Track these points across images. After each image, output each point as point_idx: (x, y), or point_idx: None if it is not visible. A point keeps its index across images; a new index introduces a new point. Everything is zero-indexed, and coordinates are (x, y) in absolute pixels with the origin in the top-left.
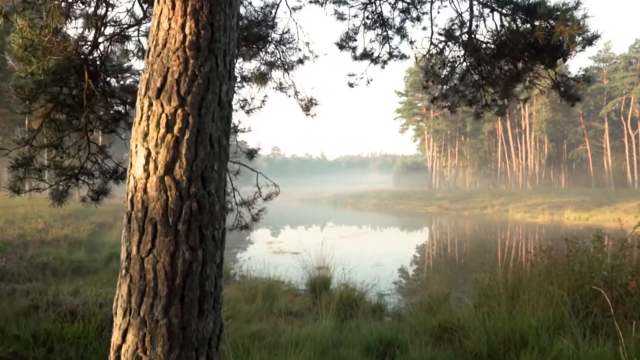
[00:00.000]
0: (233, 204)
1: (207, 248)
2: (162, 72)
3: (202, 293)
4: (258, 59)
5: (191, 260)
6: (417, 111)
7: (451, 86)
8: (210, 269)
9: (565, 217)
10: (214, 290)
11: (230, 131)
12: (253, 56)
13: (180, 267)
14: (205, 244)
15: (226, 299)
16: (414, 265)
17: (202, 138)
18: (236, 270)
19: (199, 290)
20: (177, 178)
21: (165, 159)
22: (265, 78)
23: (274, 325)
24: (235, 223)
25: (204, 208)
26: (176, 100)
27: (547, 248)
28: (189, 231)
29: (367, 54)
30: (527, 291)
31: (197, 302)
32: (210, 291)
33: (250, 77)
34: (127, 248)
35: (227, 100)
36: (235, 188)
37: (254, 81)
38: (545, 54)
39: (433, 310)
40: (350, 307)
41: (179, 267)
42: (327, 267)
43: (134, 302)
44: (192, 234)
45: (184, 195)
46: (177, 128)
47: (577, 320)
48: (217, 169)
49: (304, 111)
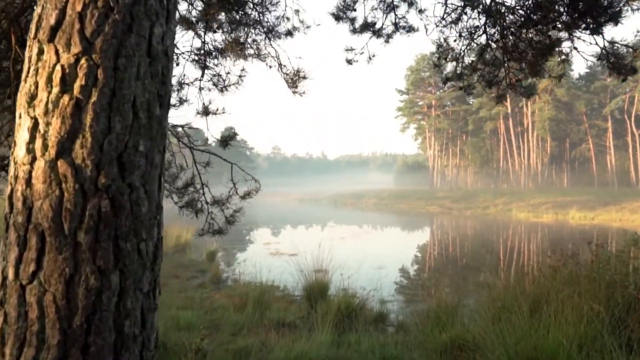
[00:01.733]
0: (203, 202)
1: (127, 268)
2: (58, 3)
3: (119, 338)
4: (234, 26)
5: (99, 287)
6: (418, 110)
7: (468, 63)
8: (132, 301)
9: (570, 217)
10: (140, 333)
11: (169, 95)
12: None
13: (82, 300)
14: (125, 263)
15: (214, 306)
16: (417, 269)
17: (119, 102)
18: (229, 274)
19: (113, 334)
20: (77, 163)
21: (60, 134)
22: (243, 47)
23: (263, 339)
24: (205, 227)
25: (122, 209)
26: (79, 44)
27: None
28: (96, 244)
29: (367, 25)
30: (551, 302)
31: (110, 352)
32: (133, 334)
33: (224, 48)
34: (1, 271)
35: (162, 50)
36: (205, 184)
37: (229, 52)
38: (590, 17)
39: (442, 322)
40: (350, 317)
41: (80, 299)
42: (325, 270)
43: (8, 354)
44: (102, 249)
45: (88, 189)
46: (79, 86)
47: (613, 337)
48: (145, 150)
49: (291, 87)
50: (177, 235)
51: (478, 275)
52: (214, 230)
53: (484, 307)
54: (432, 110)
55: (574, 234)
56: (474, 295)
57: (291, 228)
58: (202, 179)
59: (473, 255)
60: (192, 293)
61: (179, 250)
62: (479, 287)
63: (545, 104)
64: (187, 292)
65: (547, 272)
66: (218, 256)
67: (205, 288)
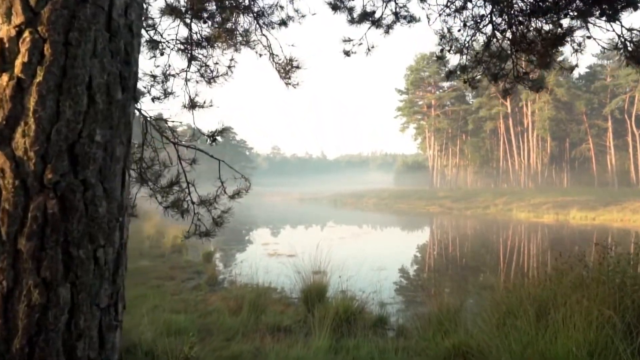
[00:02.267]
0: (189, 202)
1: (80, 280)
2: None
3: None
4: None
5: (45, 303)
6: (417, 109)
7: (472, 56)
8: (87, 318)
9: (571, 217)
10: (98, 355)
11: (135, 78)
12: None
13: (24, 318)
14: (77, 274)
15: (208, 310)
16: (418, 269)
17: (70, 84)
18: (226, 275)
19: (63, 357)
20: (18, 155)
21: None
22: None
23: (258, 345)
24: (192, 229)
25: (74, 210)
26: (21, 14)
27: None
28: (41, 252)
29: (366, 15)
30: (559, 307)
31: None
32: (88, 357)
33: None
34: None
35: (124, 24)
36: (192, 182)
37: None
38: (606, 3)
39: (444, 327)
40: (348, 321)
41: (21, 317)
42: (324, 271)
43: None
44: (48, 257)
45: (31, 185)
46: (21, 64)
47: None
48: (103, 140)
49: (283, 79)
50: (174, 235)
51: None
52: (200, 233)
53: (488, 311)
54: (432, 110)
55: (576, 234)
56: (477, 297)
57: (290, 228)
58: (187, 177)
59: (475, 256)
60: (186, 295)
61: (176, 251)
62: (481, 289)
63: (545, 103)
64: (181, 294)
65: (553, 274)
66: (215, 257)
67: (201, 290)
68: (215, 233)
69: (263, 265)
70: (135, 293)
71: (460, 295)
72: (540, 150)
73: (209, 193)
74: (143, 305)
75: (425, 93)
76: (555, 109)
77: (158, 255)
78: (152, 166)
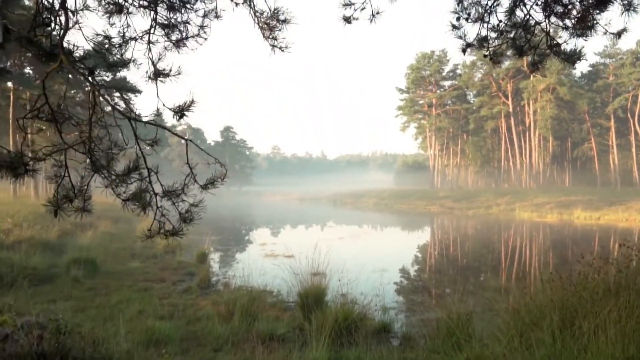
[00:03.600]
0: (151, 194)
1: None
2: None
3: None
4: None
5: None
6: (418, 108)
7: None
8: None
9: (575, 217)
10: None
11: None
12: None
13: None
14: None
15: (197, 316)
16: (422, 272)
17: None
18: (219, 277)
19: None
20: None
21: None
22: None
23: (249, 356)
24: (154, 226)
25: None
26: None
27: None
28: None
29: None
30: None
31: None
32: None
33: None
34: None
35: None
36: (153, 169)
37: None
38: None
39: (455, 337)
40: (349, 329)
41: None
42: (323, 273)
43: None
44: None
45: None
46: None
47: None
48: None
49: (267, 37)
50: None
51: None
52: (166, 232)
53: (504, 319)
54: (433, 109)
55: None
56: (488, 303)
57: (290, 228)
58: (147, 162)
59: (480, 257)
60: (175, 299)
61: (169, 252)
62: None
63: (547, 102)
64: (170, 298)
65: (577, 279)
66: (210, 258)
67: (191, 294)
68: (183, 232)
69: (259, 266)
70: (119, 297)
71: (469, 299)
72: (542, 150)
73: (175, 182)
74: (127, 310)
75: (426, 92)
76: (558, 108)
77: (150, 256)
78: (100, 145)
